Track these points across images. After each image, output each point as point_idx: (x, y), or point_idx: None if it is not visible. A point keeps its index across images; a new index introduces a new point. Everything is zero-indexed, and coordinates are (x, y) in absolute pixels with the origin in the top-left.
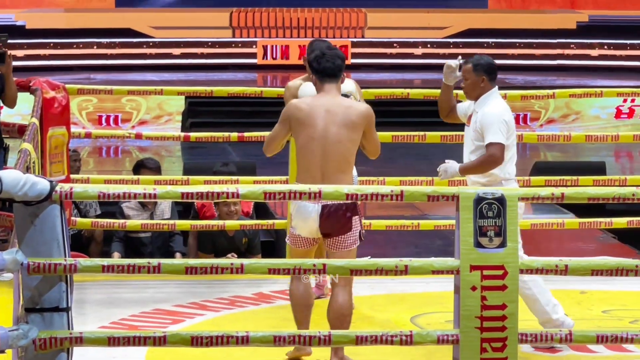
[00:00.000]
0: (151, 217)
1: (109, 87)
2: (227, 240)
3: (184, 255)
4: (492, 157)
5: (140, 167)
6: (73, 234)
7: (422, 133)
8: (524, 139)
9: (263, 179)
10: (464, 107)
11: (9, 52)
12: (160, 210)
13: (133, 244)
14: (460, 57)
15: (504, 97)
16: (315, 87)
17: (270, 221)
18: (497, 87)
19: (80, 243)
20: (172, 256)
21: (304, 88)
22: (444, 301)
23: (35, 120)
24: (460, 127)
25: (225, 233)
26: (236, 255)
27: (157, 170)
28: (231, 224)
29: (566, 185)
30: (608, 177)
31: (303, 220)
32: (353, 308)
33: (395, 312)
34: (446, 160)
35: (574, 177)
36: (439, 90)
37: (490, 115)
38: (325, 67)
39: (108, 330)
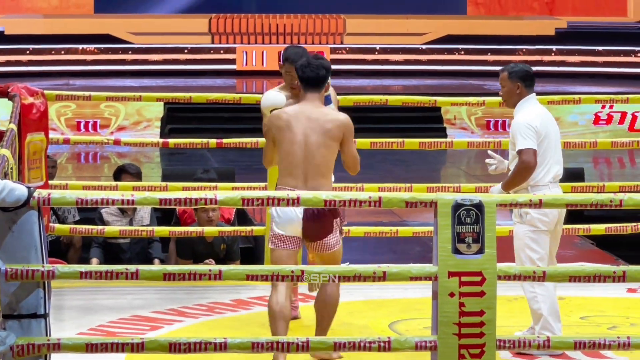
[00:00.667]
0: (130, 224)
1: (87, 93)
2: (205, 246)
3: (162, 261)
4: (524, 164)
5: (121, 173)
6: (51, 240)
7: (400, 140)
8: (502, 145)
9: (242, 185)
10: None
11: None
12: (140, 216)
13: (112, 250)
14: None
15: (482, 103)
16: (300, 94)
17: (249, 227)
18: (534, 94)
19: (59, 249)
20: (150, 262)
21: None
22: (422, 307)
23: (14, 126)
24: (439, 134)
25: (203, 239)
26: (214, 262)
27: (137, 175)
28: (209, 230)
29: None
30: (586, 184)
31: (288, 222)
32: (339, 299)
33: (374, 318)
34: (490, 188)
35: None
36: (418, 97)
37: (516, 124)
38: (309, 77)
39: (86, 337)
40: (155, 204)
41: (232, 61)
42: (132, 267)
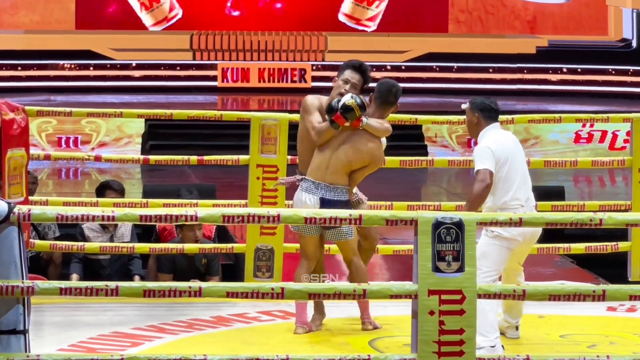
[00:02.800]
0: (111, 240)
1: (68, 109)
2: (186, 260)
3: (142, 278)
4: (480, 183)
5: (105, 189)
6: (31, 256)
7: None
8: None
9: (222, 202)
10: None
11: None
12: (120, 233)
13: (92, 266)
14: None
15: (463, 122)
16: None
17: (230, 245)
18: (497, 123)
19: (39, 265)
20: (130, 279)
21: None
22: (402, 325)
23: None
24: (420, 151)
25: (185, 254)
26: (197, 280)
27: (121, 192)
28: (190, 247)
29: None
30: (566, 203)
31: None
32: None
33: (354, 336)
34: None
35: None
36: (399, 115)
37: (476, 149)
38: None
39: (66, 353)
40: (136, 220)
41: (214, 78)
42: (112, 284)
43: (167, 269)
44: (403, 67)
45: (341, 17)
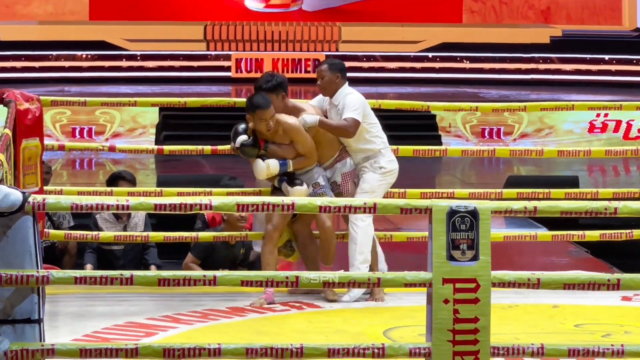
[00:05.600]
0: (124, 230)
1: (82, 99)
2: (227, 248)
3: (159, 267)
4: (346, 128)
5: (117, 179)
6: (46, 246)
7: (394, 147)
8: (497, 153)
9: (236, 191)
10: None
11: None
12: (134, 223)
13: (106, 257)
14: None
15: (475, 109)
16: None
17: (244, 233)
18: (347, 82)
19: (54, 255)
20: (147, 268)
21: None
22: (416, 315)
23: (8, 131)
24: (434, 141)
25: (226, 242)
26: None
27: (133, 181)
28: (204, 235)
29: (539, 199)
30: (580, 190)
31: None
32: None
33: (368, 326)
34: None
35: (546, 190)
36: (411, 102)
37: (350, 99)
38: None
39: (80, 343)
40: (151, 209)
41: (227, 68)
42: (126, 273)
43: (199, 254)
44: (416, 57)
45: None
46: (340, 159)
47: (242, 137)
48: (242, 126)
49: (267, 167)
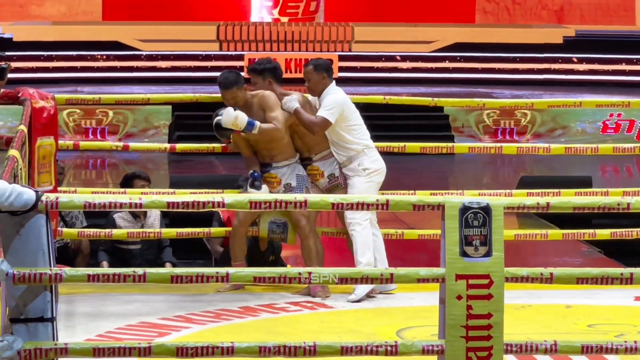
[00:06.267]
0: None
1: (97, 97)
2: (257, 254)
3: (174, 265)
4: (315, 125)
5: (132, 178)
6: (59, 246)
7: (402, 144)
8: (504, 150)
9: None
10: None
11: (11, 65)
12: (150, 223)
13: (123, 256)
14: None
15: (483, 106)
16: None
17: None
18: (334, 82)
19: (67, 255)
20: (162, 267)
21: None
22: (429, 315)
23: (24, 128)
24: (446, 141)
25: (258, 247)
26: None
27: (148, 180)
28: (216, 230)
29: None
30: (590, 189)
31: None
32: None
33: (381, 326)
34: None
35: (556, 190)
36: (418, 98)
37: (330, 98)
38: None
39: (93, 342)
40: (163, 207)
41: (240, 68)
42: (139, 270)
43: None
44: (429, 57)
45: None
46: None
47: (218, 118)
48: (222, 110)
49: (236, 118)
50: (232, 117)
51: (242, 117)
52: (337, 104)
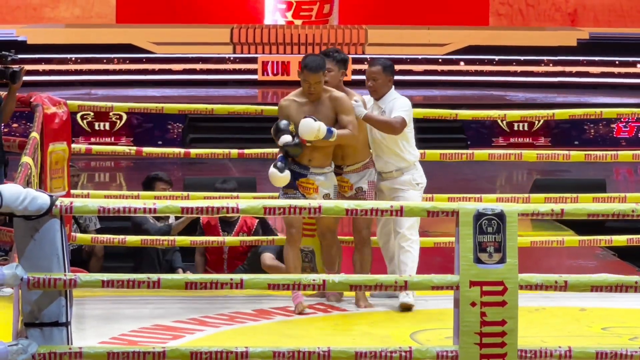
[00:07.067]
0: None
1: (109, 104)
2: None
3: (184, 271)
4: (395, 125)
5: (154, 180)
6: (73, 249)
7: (421, 151)
8: (524, 157)
9: (263, 195)
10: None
11: (24, 67)
12: (170, 221)
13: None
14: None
15: (504, 117)
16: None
17: (270, 237)
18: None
19: (81, 258)
20: (173, 272)
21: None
22: (443, 318)
23: (36, 135)
24: (461, 144)
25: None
26: None
27: (170, 182)
28: (230, 240)
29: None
30: (608, 195)
31: None
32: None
33: (395, 329)
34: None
35: (574, 195)
36: (439, 110)
37: (401, 102)
38: None
39: (107, 346)
40: (178, 212)
41: (254, 71)
42: (154, 276)
43: (277, 253)
44: (443, 60)
45: None
46: (369, 167)
47: (285, 138)
48: (283, 122)
49: (318, 129)
50: (314, 129)
51: (323, 128)
52: (410, 107)
